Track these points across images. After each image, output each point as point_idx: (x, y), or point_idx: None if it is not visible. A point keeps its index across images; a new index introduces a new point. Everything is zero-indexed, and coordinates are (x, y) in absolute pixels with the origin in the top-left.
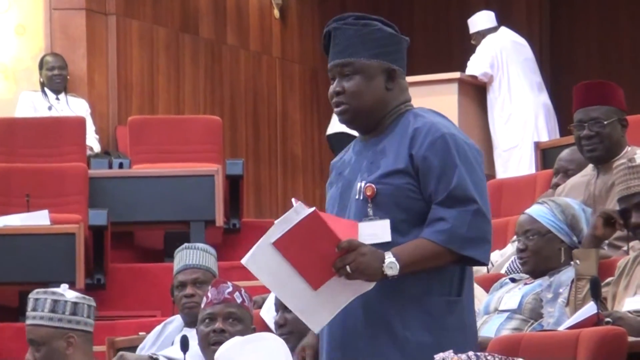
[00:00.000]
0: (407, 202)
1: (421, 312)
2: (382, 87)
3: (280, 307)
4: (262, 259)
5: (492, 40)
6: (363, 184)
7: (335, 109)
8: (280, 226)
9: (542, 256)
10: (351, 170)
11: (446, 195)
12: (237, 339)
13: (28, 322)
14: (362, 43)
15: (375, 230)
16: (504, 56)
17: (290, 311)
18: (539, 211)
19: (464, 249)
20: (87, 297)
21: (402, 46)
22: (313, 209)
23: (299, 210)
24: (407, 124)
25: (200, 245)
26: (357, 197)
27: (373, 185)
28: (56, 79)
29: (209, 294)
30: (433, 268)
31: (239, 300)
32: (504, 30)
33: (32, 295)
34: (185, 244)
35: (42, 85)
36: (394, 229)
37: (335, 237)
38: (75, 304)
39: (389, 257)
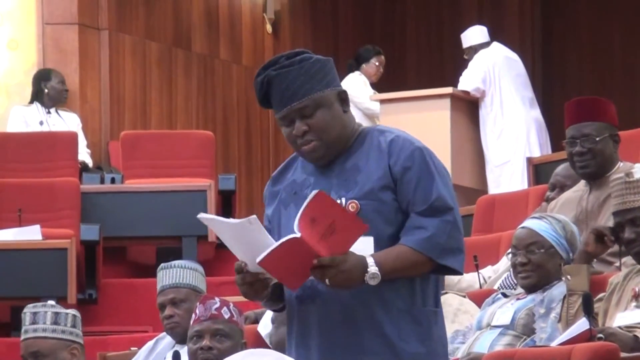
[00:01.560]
0: (392, 216)
1: (413, 323)
2: (341, 112)
3: (276, 322)
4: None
5: (484, 55)
6: (344, 201)
7: (304, 148)
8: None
9: (545, 270)
10: (316, 189)
11: (426, 206)
12: (238, 354)
13: (28, 335)
14: (309, 79)
15: (359, 247)
16: (496, 71)
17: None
18: (540, 225)
19: (443, 258)
20: (75, 310)
21: (334, 68)
22: (299, 235)
23: (253, 222)
24: (376, 139)
25: (178, 262)
26: None
27: (356, 202)
28: (64, 93)
29: (197, 311)
30: (411, 276)
31: (226, 316)
32: (496, 45)
33: (28, 310)
34: (162, 264)
35: (35, 98)
36: (381, 243)
37: (315, 255)
38: (74, 317)
39: (372, 268)
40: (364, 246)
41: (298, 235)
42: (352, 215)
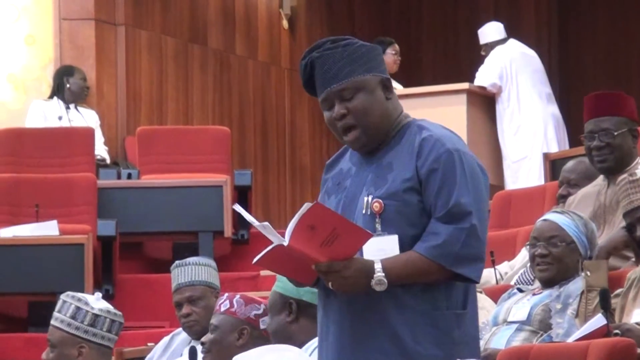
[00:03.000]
0: (416, 219)
1: (430, 326)
2: (384, 99)
3: (270, 312)
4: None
5: (500, 51)
6: (370, 199)
7: (346, 136)
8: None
9: (564, 264)
10: (353, 182)
11: (444, 211)
12: (258, 349)
13: (52, 322)
14: (352, 62)
15: (384, 246)
16: (513, 67)
17: None
18: (562, 220)
19: (455, 266)
20: (117, 312)
21: (382, 56)
22: (286, 243)
23: (265, 227)
24: (413, 136)
25: (192, 259)
26: (363, 211)
27: (381, 201)
28: (86, 90)
29: None
30: (423, 283)
31: (223, 308)
32: (512, 41)
33: (62, 297)
34: (176, 262)
35: (56, 93)
36: (403, 244)
37: (313, 261)
38: (96, 315)
39: (379, 273)
40: (388, 245)
41: (285, 243)
42: (353, 224)
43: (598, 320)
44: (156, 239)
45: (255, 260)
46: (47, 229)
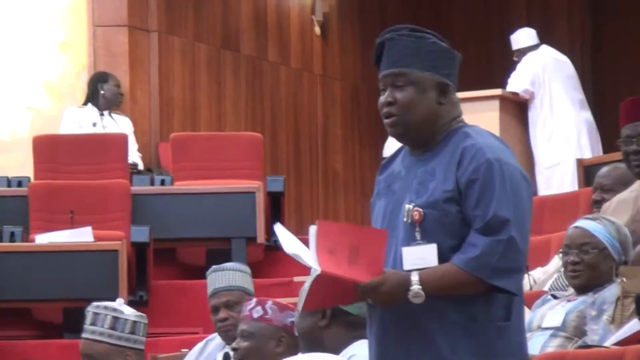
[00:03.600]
0: (455, 229)
1: (469, 337)
2: (434, 101)
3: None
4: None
5: (533, 57)
6: (411, 207)
7: (385, 120)
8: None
9: (597, 271)
10: (401, 186)
11: (482, 223)
12: (301, 356)
13: (86, 335)
14: (416, 54)
15: (423, 255)
16: (545, 73)
17: None
18: (595, 226)
19: (492, 279)
20: (142, 314)
21: (456, 62)
22: (319, 270)
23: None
24: (457, 143)
25: (230, 265)
26: (405, 219)
27: (421, 210)
28: (120, 97)
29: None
30: (463, 294)
31: (256, 315)
32: (545, 47)
33: (91, 309)
34: (214, 266)
35: (90, 100)
36: (442, 254)
37: (351, 282)
38: (134, 322)
39: (416, 286)
40: (427, 254)
41: (319, 271)
42: (365, 227)
43: (634, 326)
44: (189, 245)
45: (300, 307)
46: (81, 236)
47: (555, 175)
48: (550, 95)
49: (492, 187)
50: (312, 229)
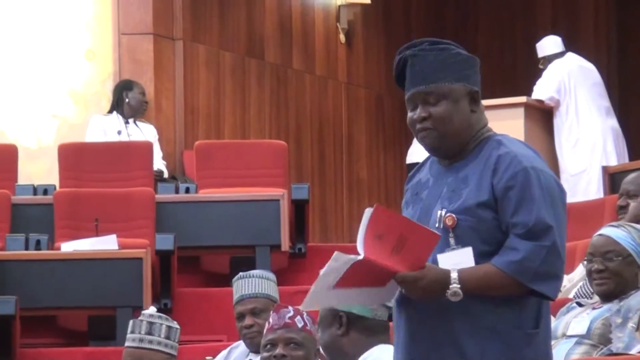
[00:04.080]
0: (490, 235)
1: (499, 343)
2: (468, 110)
3: (320, 325)
4: (318, 299)
5: (558, 64)
6: (444, 213)
7: (420, 135)
8: (329, 275)
9: (623, 278)
10: (429, 194)
11: (525, 229)
12: (374, 349)
13: (143, 345)
14: (444, 68)
15: (459, 259)
16: (571, 81)
17: None
18: (618, 233)
19: (533, 283)
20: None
21: (478, 68)
22: (362, 256)
23: (338, 258)
24: (491, 151)
25: (256, 272)
26: (437, 225)
27: (454, 216)
28: (144, 105)
29: (270, 320)
30: (497, 296)
31: (299, 325)
32: (570, 55)
33: (146, 318)
34: (240, 273)
35: (115, 108)
36: (476, 261)
37: (390, 271)
38: (177, 330)
39: (454, 286)
40: (463, 259)
41: (361, 257)
42: (419, 225)
43: None
44: (214, 253)
45: (333, 283)
46: (106, 243)
47: (581, 183)
48: (575, 103)
49: (532, 194)
50: (368, 211)
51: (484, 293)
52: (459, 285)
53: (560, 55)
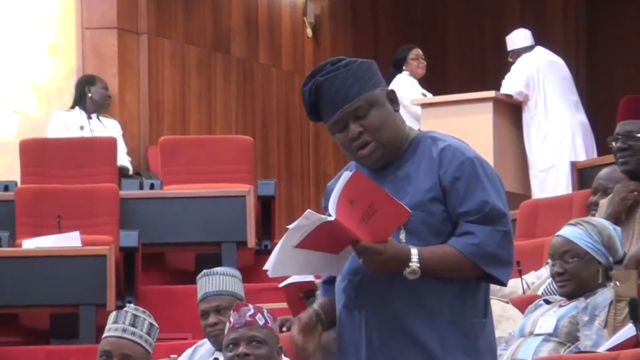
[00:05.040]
0: (441, 228)
1: (459, 334)
2: (393, 111)
3: None
4: (283, 260)
5: (527, 59)
6: None
7: (362, 152)
8: (297, 232)
9: (582, 279)
10: None
11: (480, 214)
12: None
13: (125, 335)
14: (358, 80)
15: None
16: (540, 75)
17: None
18: (574, 233)
19: (490, 267)
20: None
21: (378, 69)
22: (333, 217)
23: (309, 217)
24: (428, 148)
25: (220, 269)
26: None
27: None
28: (108, 99)
29: (231, 319)
30: (451, 278)
31: (261, 322)
32: (539, 49)
33: (131, 310)
34: (204, 271)
35: (77, 103)
36: None
37: (353, 239)
38: (157, 329)
39: (414, 264)
40: None
41: (332, 218)
42: (393, 199)
43: (628, 331)
44: (179, 250)
45: (296, 242)
46: (69, 240)
47: (550, 178)
48: (544, 97)
49: (481, 182)
50: (347, 174)
51: (441, 274)
52: (418, 265)
53: (529, 49)
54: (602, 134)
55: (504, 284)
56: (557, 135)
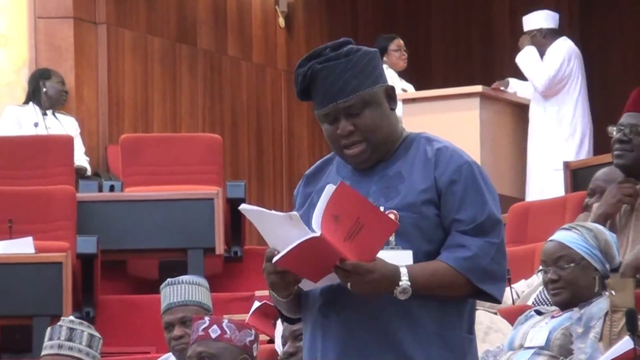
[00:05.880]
0: (432, 233)
1: (445, 349)
2: (389, 110)
3: (290, 337)
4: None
5: (562, 46)
6: (382, 209)
7: (348, 151)
8: (274, 220)
9: (578, 286)
10: None
11: (473, 224)
12: None
13: (62, 352)
14: (358, 74)
15: (398, 261)
16: (574, 65)
17: (300, 340)
18: (569, 237)
19: (483, 282)
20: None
21: (380, 60)
22: (319, 233)
23: (293, 218)
24: (422, 147)
25: (186, 278)
26: None
27: (396, 212)
28: (64, 95)
29: (192, 333)
30: (441, 296)
31: (214, 335)
32: (566, 38)
33: (66, 324)
34: (169, 279)
35: (31, 98)
36: (417, 260)
37: (340, 258)
38: (99, 339)
39: (404, 283)
40: (402, 260)
41: (318, 234)
42: (380, 211)
43: (625, 344)
44: (141, 257)
45: (277, 258)
46: (21, 247)
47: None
48: (579, 90)
49: (479, 189)
50: (330, 187)
51: (434, 292)
52: (409, 283)
53: (556, 33)
54: (597, 128)
55: (498, 301)
56: (582, 133)
